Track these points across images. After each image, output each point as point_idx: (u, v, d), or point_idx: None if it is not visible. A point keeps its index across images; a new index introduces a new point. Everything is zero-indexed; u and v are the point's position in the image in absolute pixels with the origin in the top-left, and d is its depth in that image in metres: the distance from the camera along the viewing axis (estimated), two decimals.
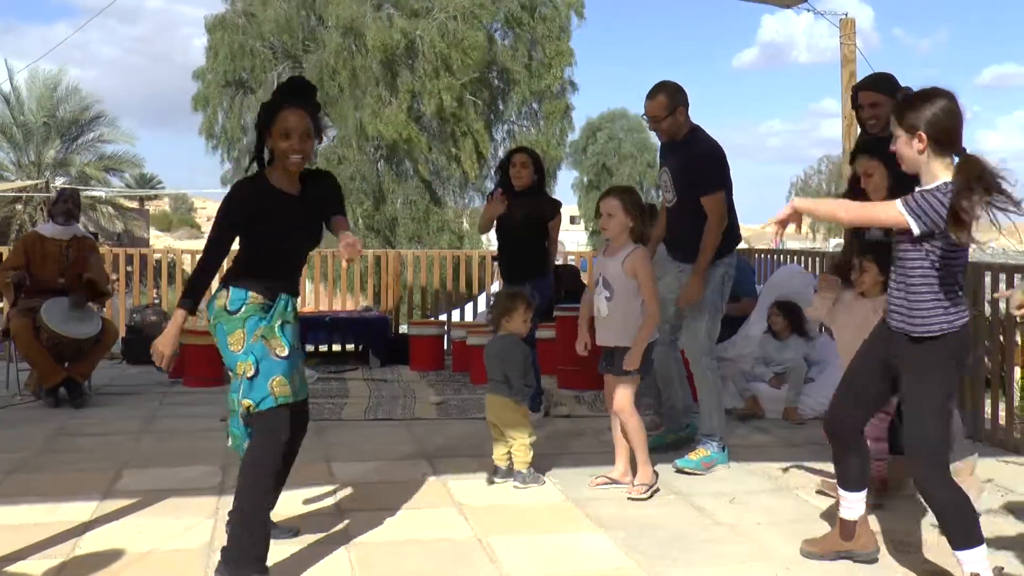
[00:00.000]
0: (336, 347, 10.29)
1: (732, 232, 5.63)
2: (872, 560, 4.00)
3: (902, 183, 3.94)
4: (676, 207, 5.68)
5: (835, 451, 4.01)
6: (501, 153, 31.56)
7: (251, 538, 3.66)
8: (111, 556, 3.98)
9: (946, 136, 3.51)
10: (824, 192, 53.09)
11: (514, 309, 5.32)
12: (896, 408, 4.53)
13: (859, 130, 5.52)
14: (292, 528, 4.30)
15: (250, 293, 3.76)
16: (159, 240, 50.10)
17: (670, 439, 5.81)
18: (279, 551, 3.94)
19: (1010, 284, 6.24)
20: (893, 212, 3.50)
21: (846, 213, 3.70)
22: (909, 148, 3.55)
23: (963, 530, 3.51)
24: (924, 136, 3.48)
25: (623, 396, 5.06)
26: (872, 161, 4.54)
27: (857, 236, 5.08)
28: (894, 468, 4.89)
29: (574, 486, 5.14)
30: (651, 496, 4.97)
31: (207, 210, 76.19)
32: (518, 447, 5.16)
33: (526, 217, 6.70)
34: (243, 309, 3.74)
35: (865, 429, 4.06)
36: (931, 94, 3.54)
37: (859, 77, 8.66)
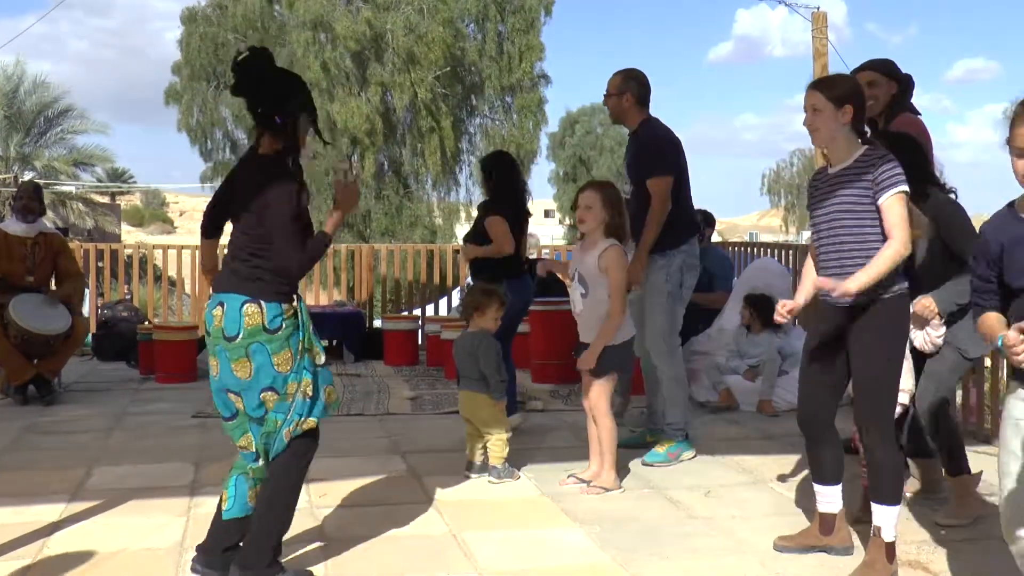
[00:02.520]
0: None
1: (687, 220, 5.65)
2: (847, 553, 4.00)
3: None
4: (632, 197, 5.70)
5: (808, 446, 4.03)
6: (472, 148, 31.56)
7: (277, 545, 3.62)
8: (80, 556, 3.92)
9: None
10: (796, 184, 53.33)
11: (487, 306, 5.29)
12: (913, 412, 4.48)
13: None
14: None
15: (283, 306, 3.51)
16: (131, 236, 49.68)
17: (649, 439, 5.78)
18: None
19: None
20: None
21: (905, 248, 3.69)
22: None
23: (891, 489, 3.76)
24: None
25: (596, 396, 5.02)
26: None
27: None
28: (926, 470, 4.80)
29: (549, 481, 5.12)
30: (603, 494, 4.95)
31: (180, 205, 75.65)
32: (494, 442, 5.14)
33: (479, 220, 6.58)
34: (283, 326, 3.50)
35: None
36: None
37: (831, 71, 8.69)
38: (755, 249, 9.28)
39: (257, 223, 3.51)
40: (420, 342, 9.82)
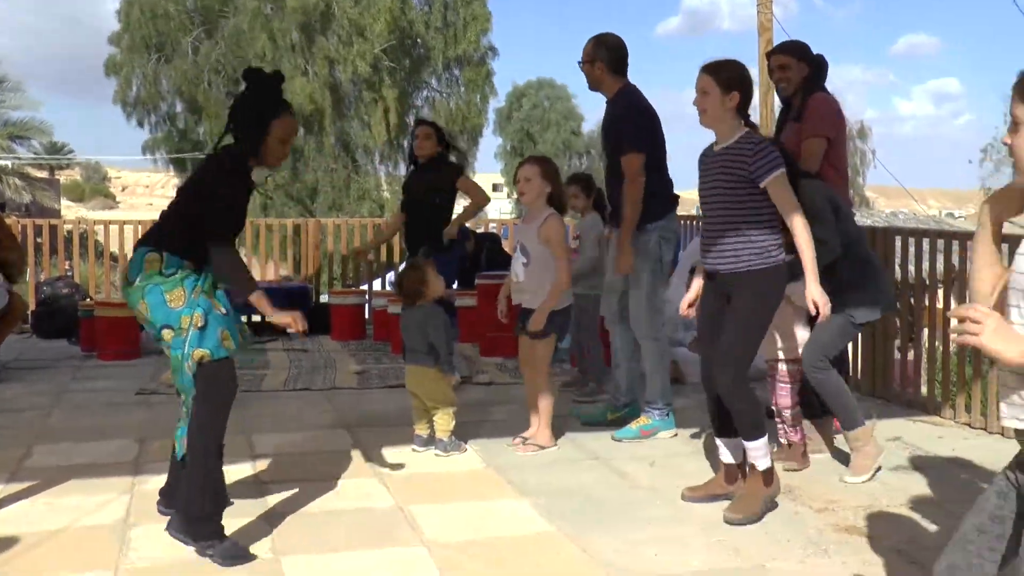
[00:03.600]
0: (256, 317, 10.13)
1: (664, 194, 5.51)
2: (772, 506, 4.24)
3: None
4: (607, 169, 5.63)
5: (710, 404, 4.33)
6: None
7: (207, 500, 3.67)
8: (19, 538, 3.87)
9: None
10: None
11: (426, 275, 5.27)
12: (803, 378, 4.77)
13: (776, 97, 5.59)
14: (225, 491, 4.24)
15: (185, 261, 3.70)
16: (71, 211, 48.76)
17: (610, 417, 5.76)
18: None
19: (919, 248, 6.40)
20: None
21: (806, 225, 4.06)
22: None
23: (749, 425, 4.12)
24: None
25: (540, 356, 5.18)
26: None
27: None
28: (820, 429, 5.06)
29: (496, 453, 5.16)
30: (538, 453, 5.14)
31: (122, 179, 74.45)
32: (440, 415, 5.15)
33: (428, 189, 6.65)
34: (178, 272, 3.69)
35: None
36: None
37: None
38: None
39: (195, 197, 3.75)
40: (367, 316, 9.78)
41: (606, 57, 5.49)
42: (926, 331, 6.38)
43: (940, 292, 6.28)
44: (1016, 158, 2.18)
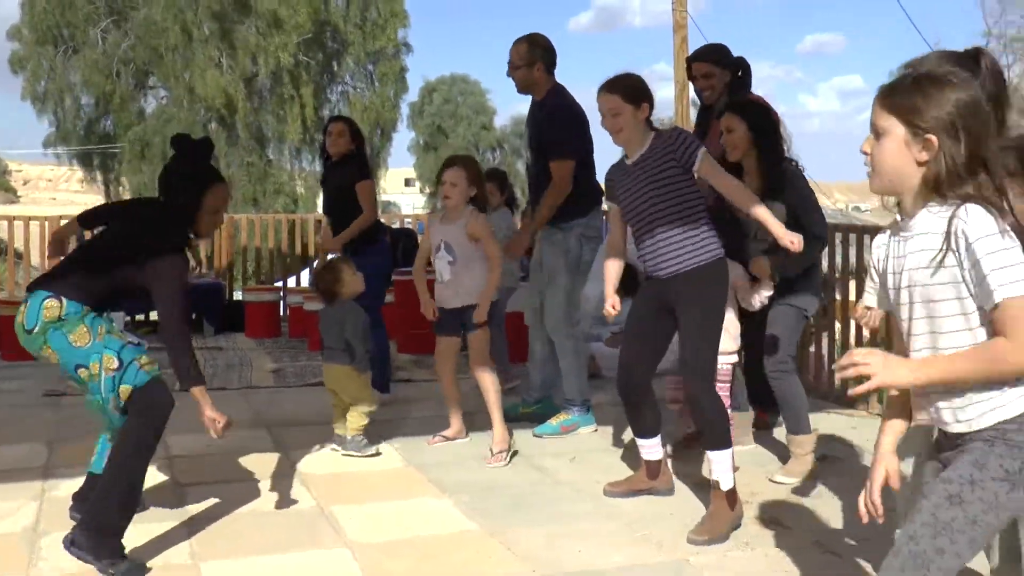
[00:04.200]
0: (153, 316, 9.91)
1: (590, 193, 5.51)
2: (670, 493, 4.40)
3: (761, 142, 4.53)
4: (532, 168, 5.62)
5: (629, 408, 4.30)
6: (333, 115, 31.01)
7: (122, 517, 3.56)
8: None
9: None
10: None
11: (340, 274, 5.19)
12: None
13: (692, 94, 5.63)
14: (140, 502, 4.14)
15: (84, 307, 3.61)
16: None
17: (523, 411, 5.78)
18: None
19: (832, 242, 6.53)
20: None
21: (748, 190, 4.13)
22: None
23: (718, 434, 4.02)
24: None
25: (476, 352, 5.16)
26: (734, 118, 4.67)
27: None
28: (745, 421, 5.19)
29: (416, 452, 5.13)
30: (510, 461, 5.01)
31: (23, 173, 72.22)
32: (352, 413, 5.09)
33: (338, 187, 6.53)
34: (81, 314, 3.58)
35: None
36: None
37: (690, 42, 8.85)
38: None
39: (137, 270, 3.64)
40: (282, 314, 9.64)
41: (544, 58, 5.50)
42: (838, 324, 6.52)
43: (852, 285, 6.42)
44: (875, 168, 2.23)
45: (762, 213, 3.96)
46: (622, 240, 4.35)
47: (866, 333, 5.93)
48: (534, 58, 5.47)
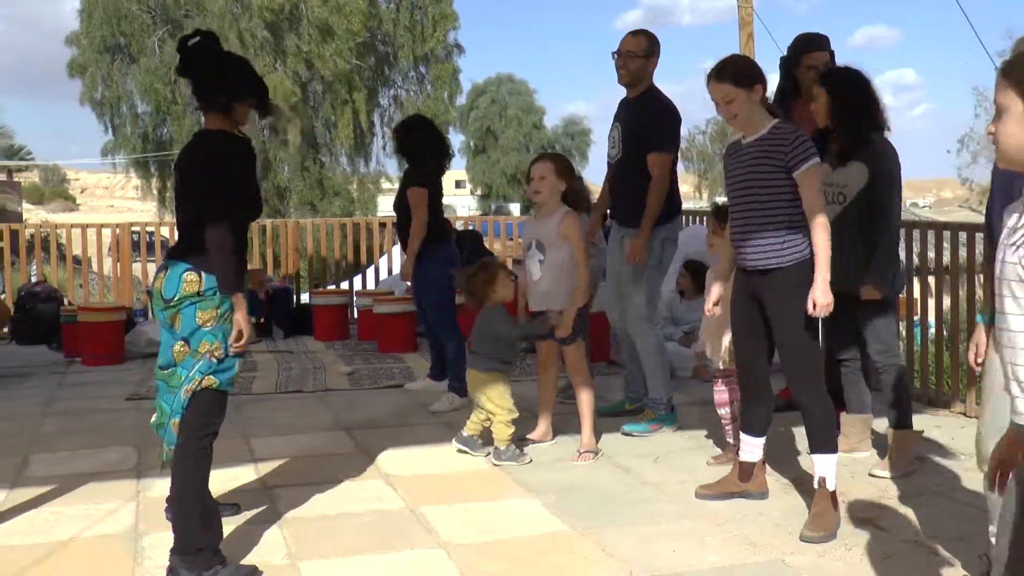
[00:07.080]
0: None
1: (673, 199, 5.54)
2: (763, 497, 4.30)
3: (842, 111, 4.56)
4: (621, 163, 5.58)
5: (745, 401, 4.28)
6: (387, 120, 31.20)
7: (206, 528, 3.52)
8: (31, 548, 3.82)
9: None
10: (710, 152, 53.88)
11: (495, 279, 5.11)
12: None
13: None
14: (233, 504, 4.21)
15: (218, 283, 3.56)
16: (31, 214, 48.02)
17: (628, 407, 5.82)
18: None
19: (931, 239, 6.45)
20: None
21: (828, 225, 3.93)
22: None
23: (824, 437, 3.99)
24: None
25: (574, 362, 5.15)
26: (819, 87, 4.73)
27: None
28: (859, 425, 5.03)
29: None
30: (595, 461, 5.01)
31: (80, 181, 73.45)
32: (496, 426, 5.01)
33: (401, 190, 6.52)
34: (216, 296, 3.55)
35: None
36: None
37: (756, 41, 8.80)
38: (690, 217, 9.38)
39: (200, 194, 3.59)
40: (352, 316, 9.73)
41: (657, 54, 5.52)
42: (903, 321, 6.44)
43: (931, 282, 6.33)
44: (1000, 146, 2.21)
45: (823, 259, 3.88)
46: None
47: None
48: (654, 52, 5.49)
